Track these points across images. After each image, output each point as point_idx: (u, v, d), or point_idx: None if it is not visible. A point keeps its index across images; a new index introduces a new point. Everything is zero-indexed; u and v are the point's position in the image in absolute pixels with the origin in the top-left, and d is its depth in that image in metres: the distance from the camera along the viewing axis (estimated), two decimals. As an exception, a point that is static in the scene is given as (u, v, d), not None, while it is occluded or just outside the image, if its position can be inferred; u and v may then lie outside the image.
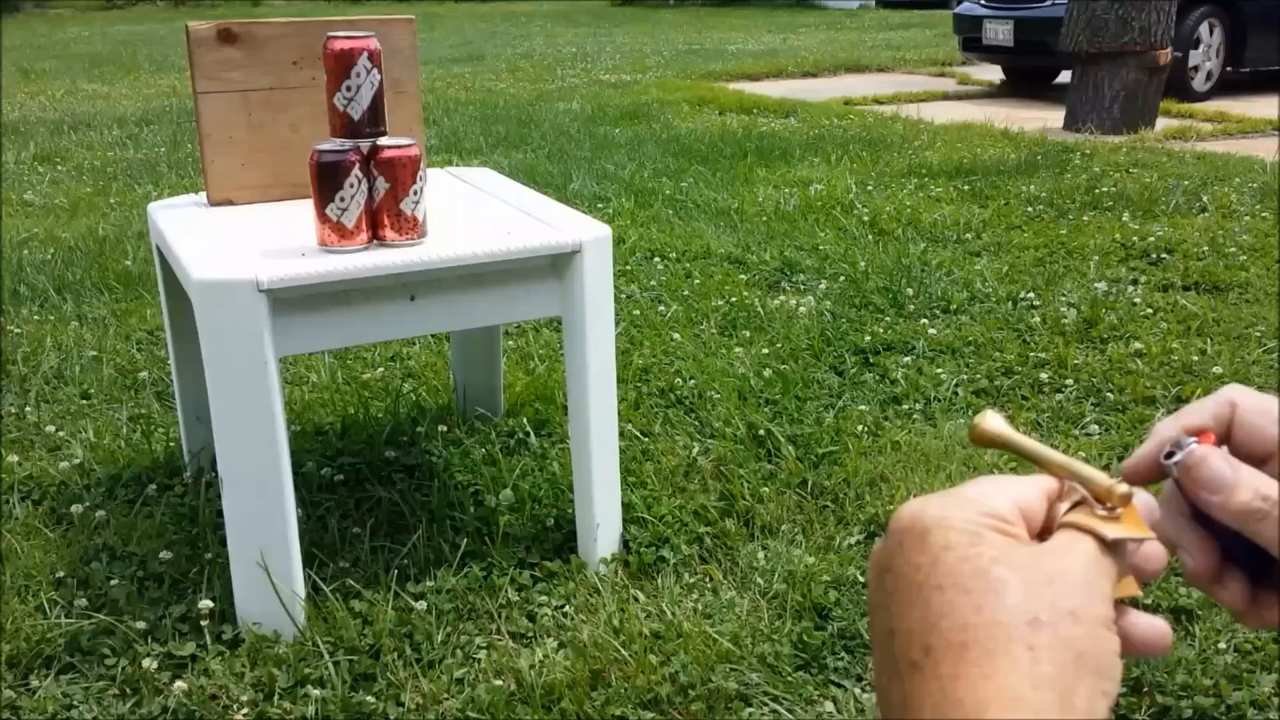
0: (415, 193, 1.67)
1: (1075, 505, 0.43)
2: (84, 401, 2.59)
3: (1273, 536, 0.42)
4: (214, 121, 1.92)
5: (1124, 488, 0.42)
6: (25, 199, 4.81)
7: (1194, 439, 0.45)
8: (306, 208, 1.70)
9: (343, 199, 1.63)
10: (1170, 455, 0.45)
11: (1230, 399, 0.47)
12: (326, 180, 1.63)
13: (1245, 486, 0.43)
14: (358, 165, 1.64)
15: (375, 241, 1.68)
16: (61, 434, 2.40)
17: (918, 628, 0.39)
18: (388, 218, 1.67)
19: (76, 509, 2.05)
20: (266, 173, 1.97)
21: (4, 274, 3.52)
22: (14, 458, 2.27)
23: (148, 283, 3.39)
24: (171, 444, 2.33)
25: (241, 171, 1.96)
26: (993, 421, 0.46)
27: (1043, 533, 0.42)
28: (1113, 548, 0.41)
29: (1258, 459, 0.45)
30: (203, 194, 2.00)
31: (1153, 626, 0.43)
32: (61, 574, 1.86)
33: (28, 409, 2.53)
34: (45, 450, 2.33)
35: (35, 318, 3.15)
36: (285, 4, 27.82)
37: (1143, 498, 0.43)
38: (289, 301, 1.61)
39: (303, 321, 1.65)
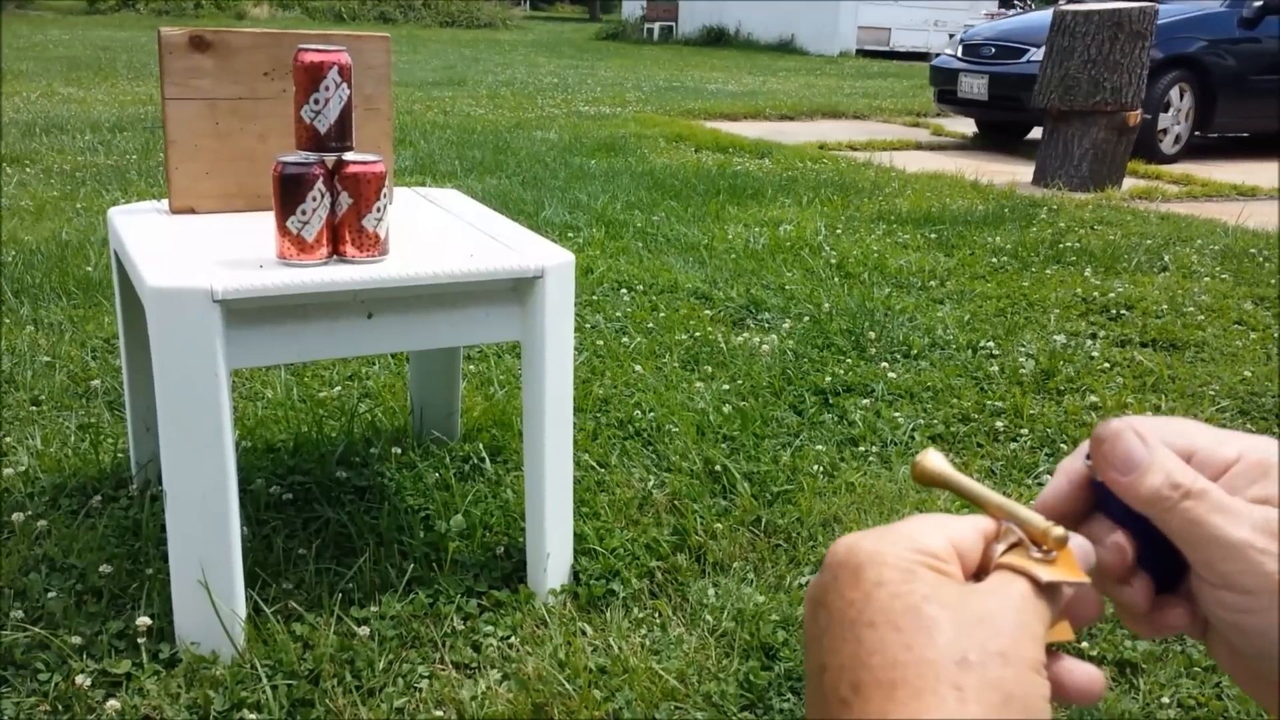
0: (378, 210, 1.67)
1: (1012, 547, 0.42)
2: (34, 408, 2.54)
3: (1180, 527, 0.42)
4: (181, 128, 1.91)
5: (1059, 531, 0.42)
6: (-11, 200, 4.75)
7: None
8: (269, 219, 1.68)
9: (304, 212, 1.62)
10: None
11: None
12: (289, 192, 1.62)
13: (1158, 469, 0.42)
14: (321, 179, 1.63)
15: (335, 257, 1.67)
16: (8, 440, 2.36)
17: (849, 664, 0.38)
18: (349, 233, 1.66)
19: (18, 518, 2.01)
20: (231, 182, 1.96)
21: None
22: (-43, 462, 2.22)
23: (107, 289, 3.35)
24: (120, 455, 2.30)
25: (206, 180, 1.94)
26: (934, 460, 0.46)
27: (979, 573, 0.42)
28: (1047, 591, 0.41)
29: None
30: (166, 201, 1.98)
31: (1086, 673, 0.43)
32: (-2, 583, 1.82)
33: (-25, 413, 2.48)
34: (-10, 456, 2.29)
35: (-10, 320, 3.10)
36: (269, 18, 27.81)
37: (1078, 541, 0.43)
38: (243, 313, 1.59)
39: (257, 334, 1.63)
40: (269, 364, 2.53)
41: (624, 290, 3.69)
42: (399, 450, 2.33)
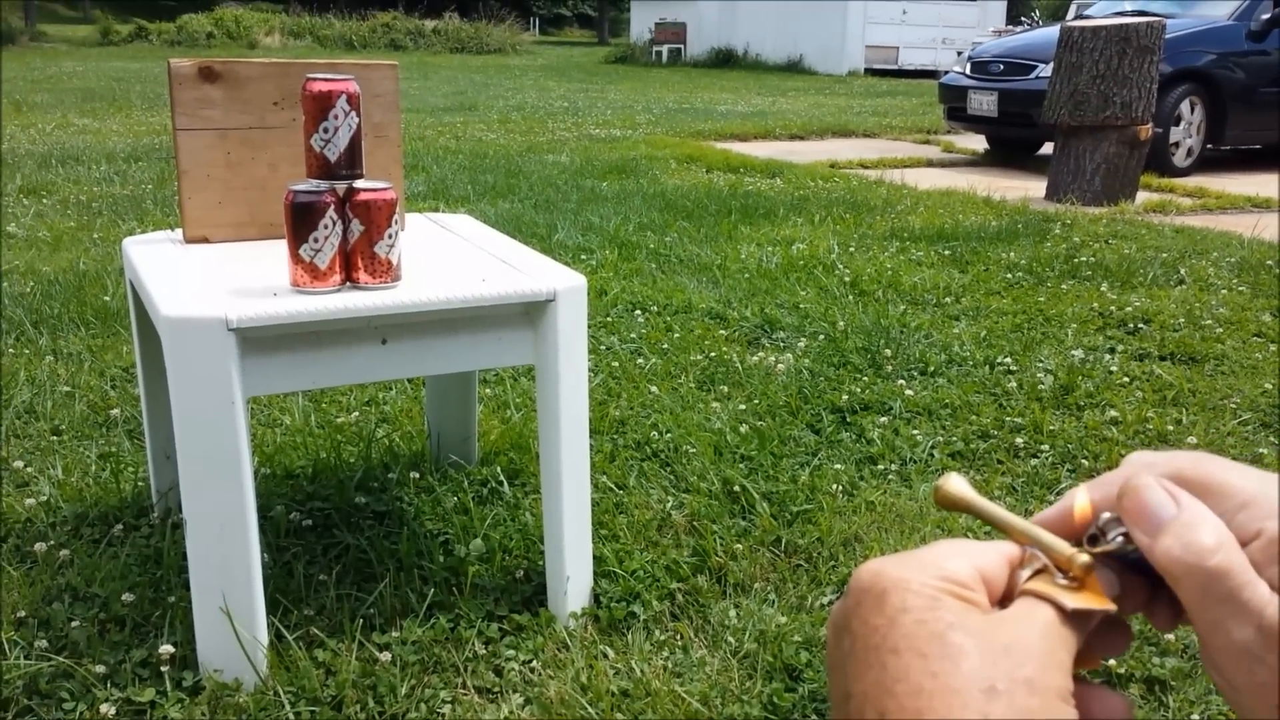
0: (390, 236, 1.67)
1: (1037, 573, 0.42)
2: (54, 438, 2.56)
3: (1188, 600, 0.39)
4: (192, 159, 1.92)
5: (1084, 558, 0.41)
6: (8, 231, 4.80)
7: (1122, 528, 0.42)
8: (282, 247, 1.69)
9: (316, 240, 1.63)
10: (1094, 540, 0.42)
11: (1140, 462, 0.43)
12: (300, 221, 1.63)
13: (1175, 535, 0.39)
14: (333, 207, 1.64)
15: (348, 284, 1.68)
16: (30, 470, 2.37)
17: (873, 691, 0.38)
18: (361, 260, 1.67)
19: (40, 547, 2.02)
20: (243, 211, 1.97)
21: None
22: (-21, 492, 2.23)
23: (125, 319, 3.37)
24: (140, 483, 2.31)
25: (218, 209, 1.95)
26: (956, 484, 0.46)
27: (1004, 600, 0.42)
28: (1072, 618, 0.40)
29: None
30: (180, 231, 1.99)
31: (1114, 701, 0.42)
32: (23, 614, 1.83)
33: (-4, 443, 2.50)
34: (13, 486, 2.30)
35: (10, 351, 3.12)
36: (280, 47, 28.06)
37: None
38: (258, 341, 1.60)
39: (272, 362, 1.63)
40: (285, 391, 2.53)
41: (638, 311, 3.69)
42: (417, 475, 2.33)
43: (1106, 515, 0.43)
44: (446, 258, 1.95)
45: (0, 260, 4.17)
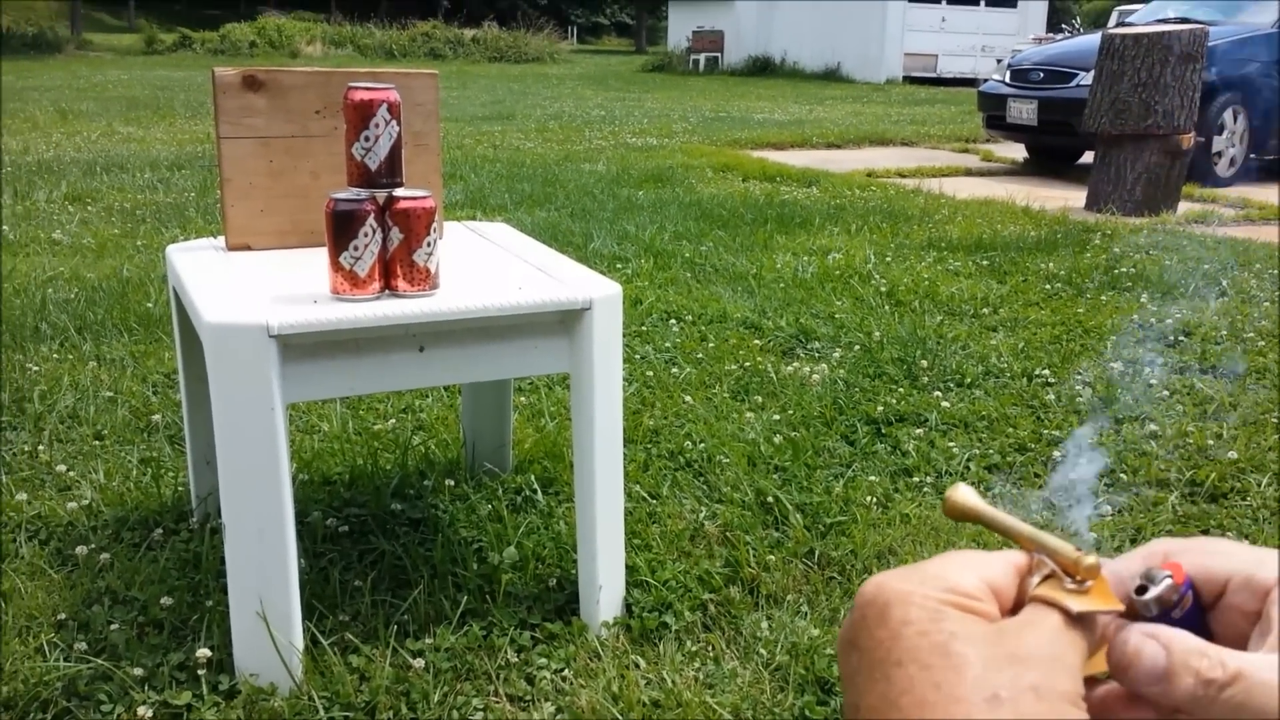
0: (429, 244, 1.69)
1: (1046, 578, 0.42)
2: (97, 442, 2.60)
3: (1225, 711, 0.39)
4: (235, 167, 1.95)
5: (1091, 559, 0.41)
6: (54, 238, 4.88)
7: (1167, 572, 0.42)
8: (323, 255, 1.71)
9: (356, 248, 1.65)
10: (1142, 590, 0.42)
11: (1160, 550, 0.45)
12: (341, 229, 1.65)
13: (1184, 673, 0.40)
14: (372, 215, 1.66)
15: (387, 291, 1.70)
16: (72, 474, 2.41)
17: (879, 704, 0.38)
18: (400, 268, 1.68)
19: (82, 551, 2.05)
20: (285, 219, 1.99)
21: (27, 312, 3.55)
22: (23, 496, 2.27)
23: (167, 325, 3.42)
24: (180, 488, 2.34)
25: (261, 217, 1.98)
26: (963, 493, 0.46)
27: (1015, 608, 0.42)
28: (1081, 622, 0.40)
29: (1211, 598, 0.44)
30: (222, 238, 2.02)
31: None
32: (63, 616, 1.86)
33: (40, 447, 2.54)
34: (55, 490, 2.34)
35: (54, 356, 3.18)
36: (322, 56, 28.35)
37: (1113, 568, 0.43)
38: (299, 348, 1.62)
39: (312, 369, 1.65)
40: (324, 398, 2.56)
41: (673, 321, 3.69)
42: (452, 482, 2.34)
43: (1148, 569, 0.43)
44: (484, 266, 1.96)
45: (0, 265, 4.25)
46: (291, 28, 31.62)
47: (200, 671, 1.69)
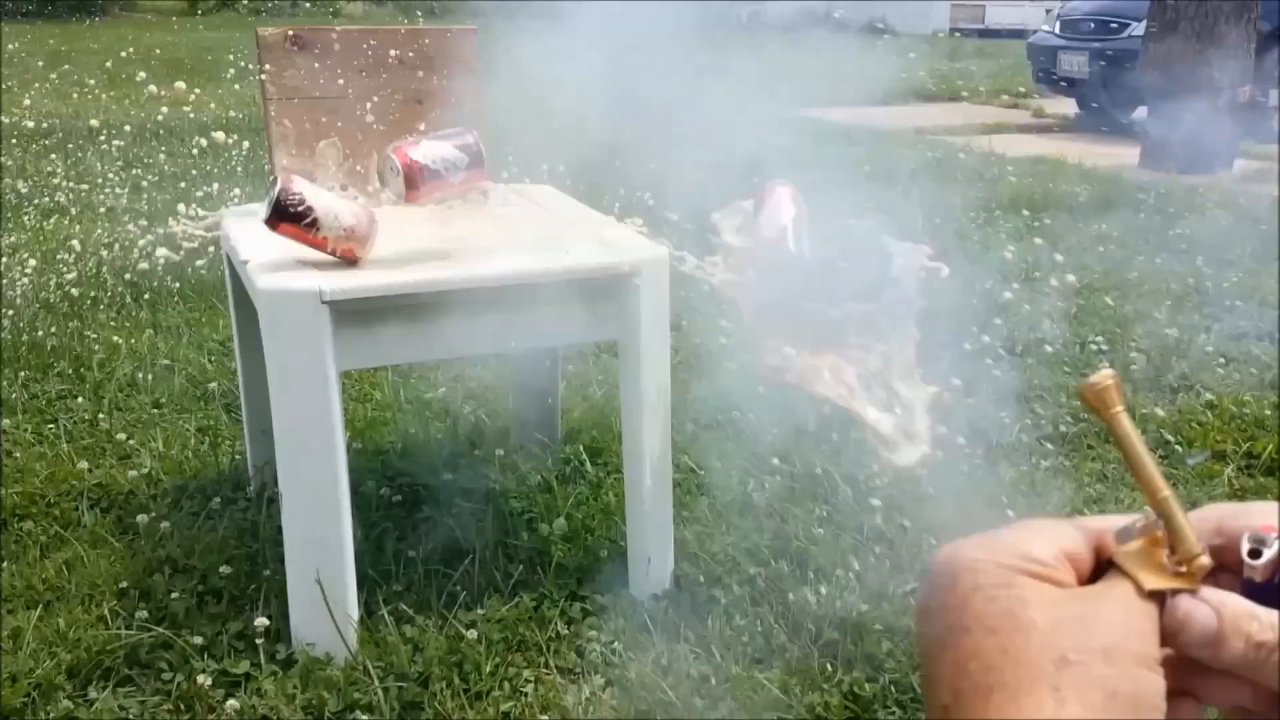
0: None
1: (1137, 541, 0.41)
2: (155, 410, 2.64)
3: (1273, 675, 0.40)
4: (283, 127, 1.96)
5: (1206, 561, 0.40)
6: (107, 205, 4.94)
7: (1275, 535, 0.40)
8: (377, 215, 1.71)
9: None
10: (1255, 554, 0.41)
11: (1214, 516, 0.43)
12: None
13: (1236, 636, 0.39)
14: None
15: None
16: (131, 442, 2.45)
17: (949, 672, 0.38)
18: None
19: (142, 519, 2.09)
20: (332, 179, 2.00)
21: (84, 280, 3.61)
22: (84, 464, 2.32)
23: (221, 292, 3.45)
24: (238, 457, 2.38)
25: (309, 177, 1.98)
26: (1105, 380, 0.43)
27: (1094, 578, 0.41)
28: (1152, 596, 0.40)
29: None
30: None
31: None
32: (125, 585, 1.90)
33: (100, 416, 2.59)
34: (115, 459, 2.39)
35: (111, 324, 3.23)
36: (363, 16, 28.28)
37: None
38: (351, 314, 1.63)
39: (364, 335, 1.66)
40: (376, 365, 2.58)
41: (720, 286, 3.67)
42: (502, 452, 2.36)
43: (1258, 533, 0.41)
44: (531, 229, 1.95)
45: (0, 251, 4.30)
46: (334, -15, 31.52)
47: (258, 640, 1.73)
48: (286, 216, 1.61)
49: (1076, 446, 2.49)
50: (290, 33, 1.94)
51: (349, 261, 1.65)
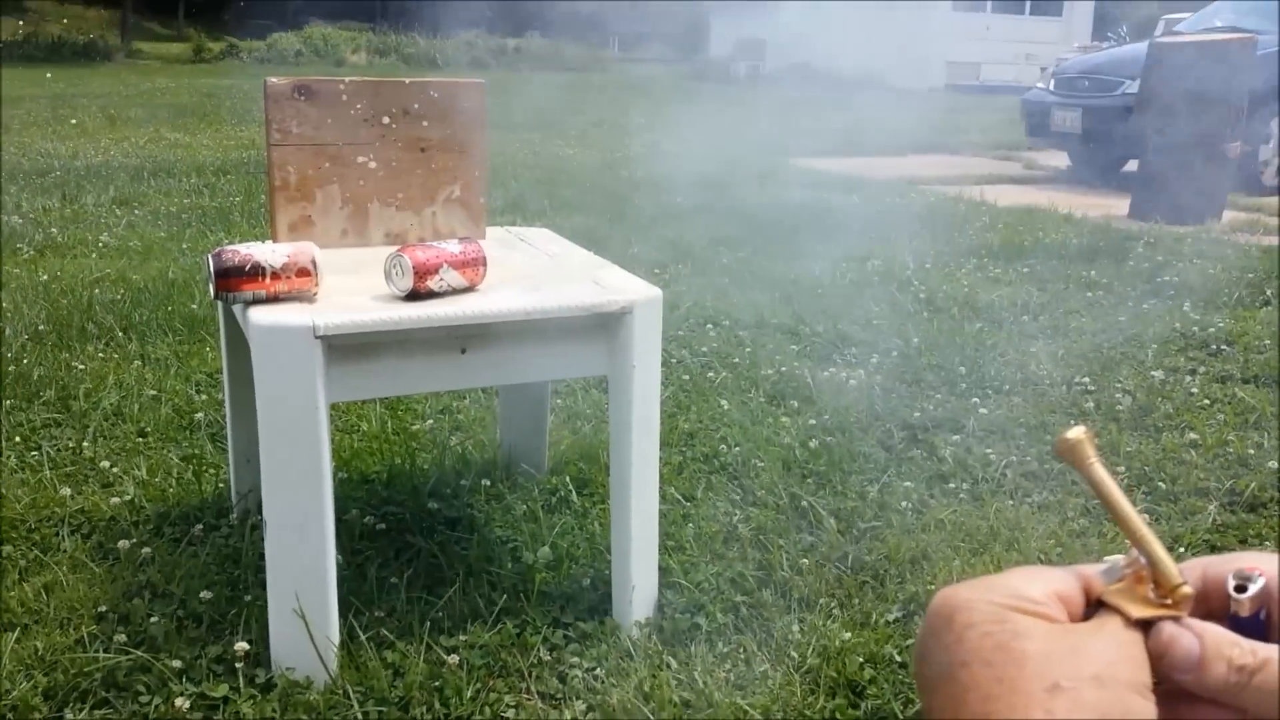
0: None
1: (1121, 581, 0.42)
2: (140, 439, 2.64)
3: (1255, 699, 0.40)
4: (285, 172, 1.98)
5: (1188, 589, 0.41)
6: (101, 240, 4.96)
7: (1259, 572, 0.42)
8: (365, 257, 1.74)
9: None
10: (1241, 589, 0.42)
11: (1198, 565, 0.44)
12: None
13: (1217, 660, 0.41)
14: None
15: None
16: (115, 470, 2.45)
17: (948, 704, 0.39)
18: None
19: (124, 545, 2.08)
20: (333, 224, 2.02)
21: (74, 312, 3.62)
22: (67, 491, 2.32)
23: (210, 326, 3.47)
24: (221, 485, 2.37)
25: (308, 222, 2.01)
26: (1079, 435, 0.45)
27: (1084, 620, 0.42)
28: (1141, 627, 0.41)
29: None
30: (269, 241, 2.05)
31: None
32: (104, 609, 1.89)
33: (85, 444, 2.58)
34: (99, 485, 2.38)
35: (100, 355, 3.23)
36: (367, 65, 28.64)
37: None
38: (343, 349, 1.64)
39: (356, 369, 1.67)
40: (367, 398, 2.59)
41: (710, 325, 3.70)
42: (488, 482, 2.36)
43: (1244, 571, 0.42)
44: (526, 269, 1.98)
45: (1, 272, 4.32)
46: (337, 37, 31.96)
47: (237, 664, 1.71)
48: (230, 273, 1.64)
49: (1061, 482, 2.49)
50: (297, 82, 1.97)
51: (307, 295, 1.67)
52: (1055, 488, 2.47)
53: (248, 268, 1.64)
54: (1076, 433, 0.46)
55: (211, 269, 1.64)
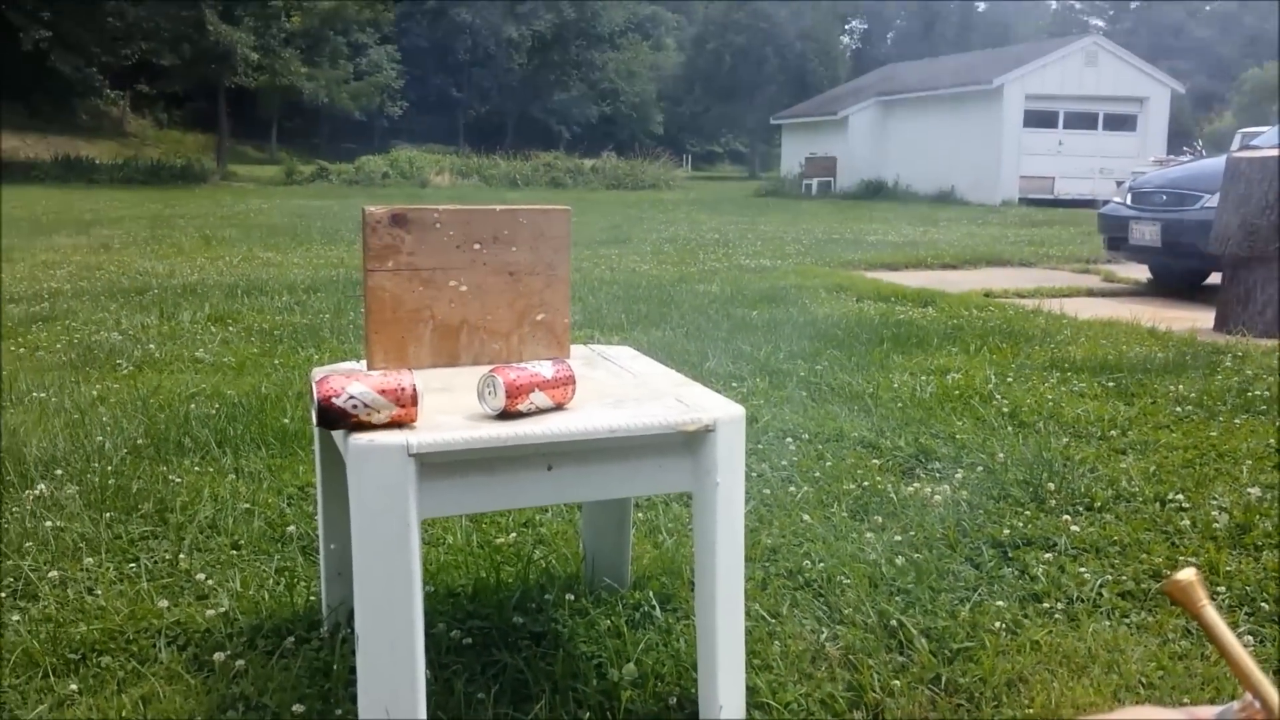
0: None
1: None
2: (234, 551, 2.70)
3: None
4: (380, 296, 2.06)
5: None
6: (197, 356, 5.14)
7: None
8: (459, 377, 1.79)
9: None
10: None
11: None
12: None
13: None
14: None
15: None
16: (210, 582, 2.50)
17: None
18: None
19: (219, 657, 2.12)
20: (425, 346, 2.09)
21: (170, 426, 3.74)
22: (164, 603, 2.37)
23: (302, 440, 3.56)
24: (313, 597, 2.41)
25: (402, 344, 2.08)
26: (1189, 578, 0.46)
27: None
28: None
29: None
30: (363, 361, 2.12)
31: None
32: None
33: (181, 556, 2.65)
34: (194, 597, 2.43)
35: (195, 469, 3.33)
36: (450, 186, 29.55)
37: None
38: (435, 466, 1.68)
39: (447, 486, 1.71)
40: (457, 513, 2.62)
41: (789, 439, 3.69)
42: (572, 597, 2.36)
43: None
44: (609, 387, 2.02)
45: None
46: (422, 159, 33.17)
47: (328, 779, 1.72)
48: (334, 424, 1.69)
49: (1159, 603, 2.42)
50: (394, 211, 2.06)
51: (406, 425, 1.72)
52: (1154, 608, 2.40)
53: (351, 420, 1.68)
54: (1187, 575, 0.47)
55: (315, 408, 1.69)
